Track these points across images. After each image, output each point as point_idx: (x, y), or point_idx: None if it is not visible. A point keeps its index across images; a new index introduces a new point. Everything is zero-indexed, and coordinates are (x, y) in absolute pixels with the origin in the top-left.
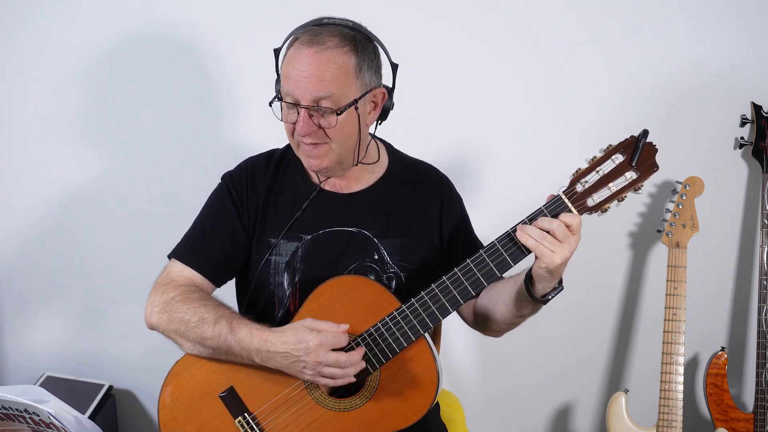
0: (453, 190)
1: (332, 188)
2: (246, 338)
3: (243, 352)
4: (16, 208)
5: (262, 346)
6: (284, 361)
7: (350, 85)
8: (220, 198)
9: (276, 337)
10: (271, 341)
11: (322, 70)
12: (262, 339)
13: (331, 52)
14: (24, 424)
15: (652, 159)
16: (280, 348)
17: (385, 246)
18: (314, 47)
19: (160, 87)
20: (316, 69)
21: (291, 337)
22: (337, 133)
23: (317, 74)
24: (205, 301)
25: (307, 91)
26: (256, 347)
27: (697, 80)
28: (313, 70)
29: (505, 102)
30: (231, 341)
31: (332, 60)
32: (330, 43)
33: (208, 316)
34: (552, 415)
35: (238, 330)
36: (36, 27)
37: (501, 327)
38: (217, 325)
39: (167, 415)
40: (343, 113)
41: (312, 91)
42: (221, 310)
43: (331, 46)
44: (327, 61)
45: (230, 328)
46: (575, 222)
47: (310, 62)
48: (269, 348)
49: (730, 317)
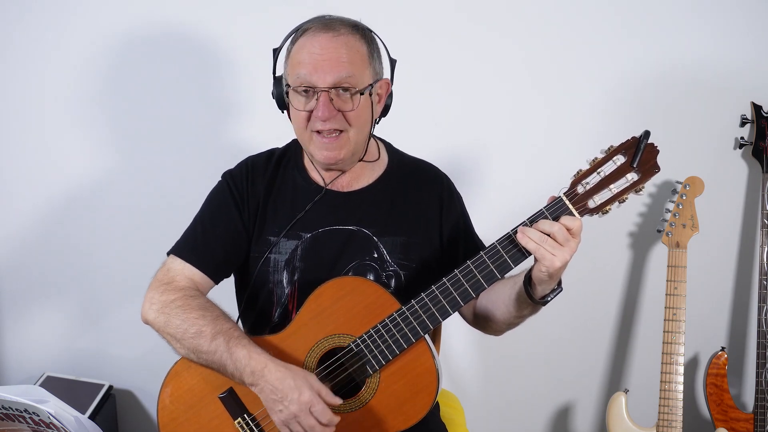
0: (453, 188)
1: (332, 186)
2: (243, 360)
3: (236, 372)
4: (17, 208)
5: (258, 369)
6: (269, 395)
7: (366, 70)
8: (221, 195)
9: (276, 369)
10: (270, 369)
11: (340, 53)
12: (260, 363)
13: (347, 38)
14: (24, 424)
15: (654, 160)
16: (275, 382)
17: (385, 244)
18: (330, 32)
19: (160, 86)
20: (334, 51)
21: (290, 380)
22: (356, 118)
23: (336, 56)
24: (204, 312)
25: (327, 74)
26: (252, 370)
27: (697, 80)
28: (332, 53)
29: (505, 102)
30: (226, 360)
31: (348, 44)
32: (344, 30)
33: (206, 329)
34: (552, 415)
35: (235, 351)
36: (37, 26)
37: (501, 327)
38: (214, 341)
39: (167, 415)
40: (364, 94)
41: (332, 73)
42: (219, 324)
43: (346, 33)
44: (344, 45)
45: (227, 346)
46: (576, 225)
47: (327, 45)
48: (265, 374)
49: (730, 317)
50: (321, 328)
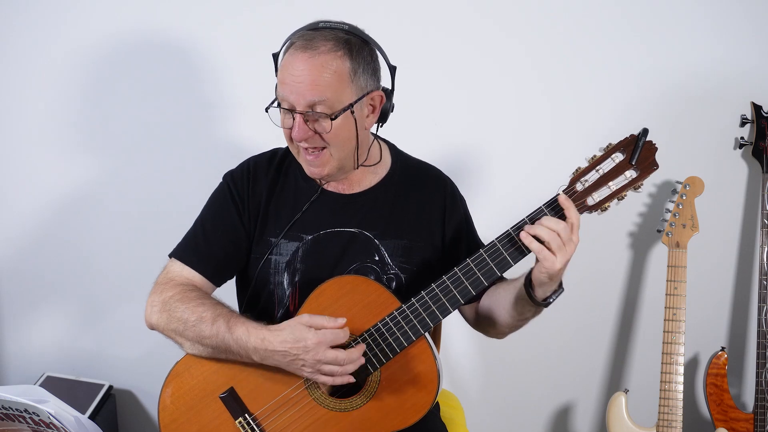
0: (456, 191)
1: (334, 189)
2: (243, 337)
3: (241, 351)
4: (16, 209)
5: (260, 345)
6: (282, 360)
7: (345, 90)
8: (222, 197)
9: (273, 335)
10: (269, 340)
11: (316, 75)
12: (259, 337)
13: (325, 57)
14: (24, 424)
15: (652, 158)
16: (278, 347)
17: (386, 247)
18: (308, 52)
19: (159, 88)
20: (309, 74)
21: (289, 336)
22: (334, 138)
23: (311, 79)
24: (203, 300)
25: (302, 96)
26: (254, 346)
27: (697, 80)
28: (307, 76)
29: (505, 102)
30: (229, 340)
31: (326, 65)
32: (324, 47)
33: (206, 314)
34: (552, 415)
35: (235, 328)
36: (32, 29)
37: (504, 330)
38: (215, 323)
39: (167, 416)
40: (337, 118)
41: (306, 96)
42: (219, 309)
43: (325, 51)
44: (321, 66)
45: (228, 326)
46: (576, 220)
47: (303, 68)
48: (267, 347)
49: (730, 317)
50: None
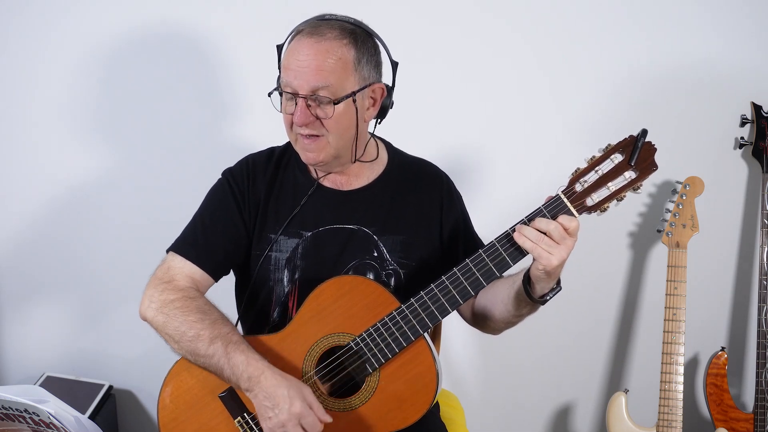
0: (453, 187)
1: (332, 185)
2: (241, 366)
3: (232, 377)
4: (16, 208)
5: (254, 375)
6: (262, 400)
7: (348, 77)
8: (221, 193)
9: (272, 377)
10: (266, 376)
11: (321, 60)
12: (258, 369)
13: (331, 43)
14: (24, 424)
15: (651, 158)
16: (270, 389)
17: (385, 243)
18: (314, 38)
19: (159, 85)
20: (314, 59)
21: (284, 389)
22: (334, 125)
23: (316, 64)
24: (203, 315)
25: (306, 81)
26: (249, 375)
27: (697, 80)
28: (312, 60)
29: (504, 101)
30: (224, 364)
31: (331, 51)
32: (330, 34)
33: (204, 333)
34: (552, 415)
35: (233, 356)
36: (36, 26)
37: (499, 326)
38: (212, 345)
39: (167, 415)
40: (340, 103)
41: (310, 81)
42: (217, 328)
43: (331, 38)
44: (326, 52)
45: (225, 351)
46: (573, 225)
47: (309, 52)
48: (260, 381)
49: (730, 317)
50: (321, 326)
